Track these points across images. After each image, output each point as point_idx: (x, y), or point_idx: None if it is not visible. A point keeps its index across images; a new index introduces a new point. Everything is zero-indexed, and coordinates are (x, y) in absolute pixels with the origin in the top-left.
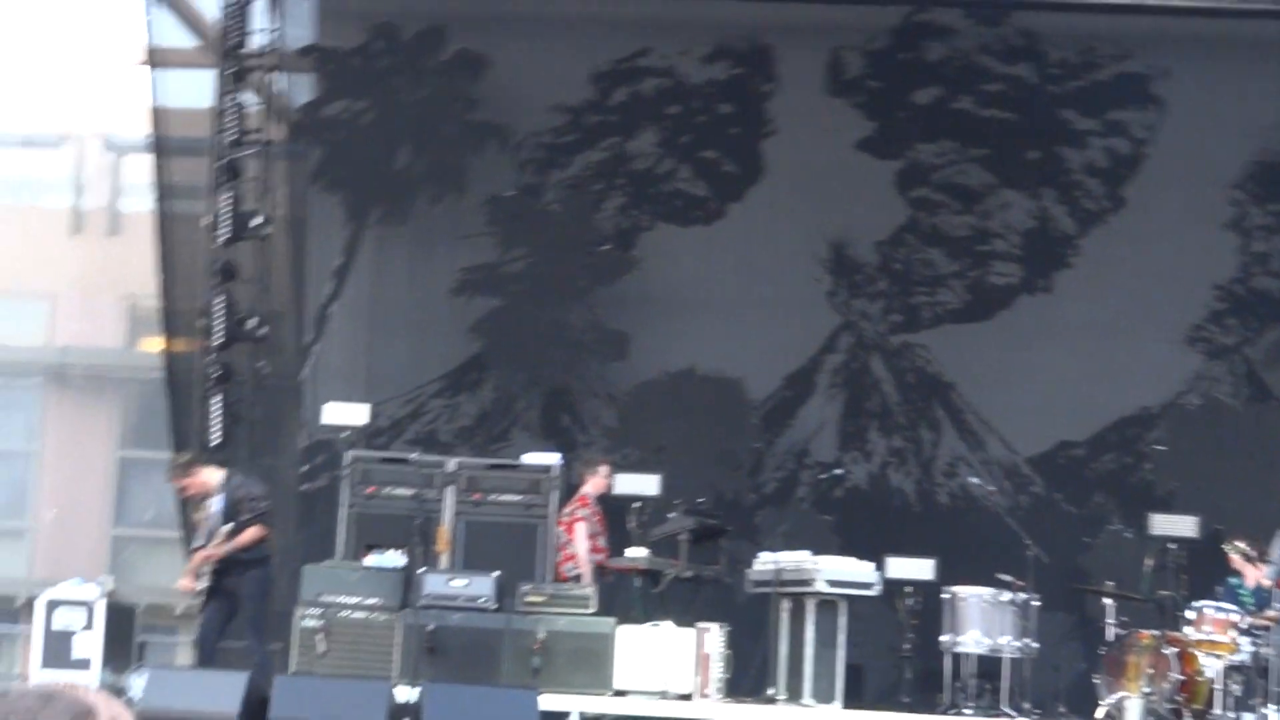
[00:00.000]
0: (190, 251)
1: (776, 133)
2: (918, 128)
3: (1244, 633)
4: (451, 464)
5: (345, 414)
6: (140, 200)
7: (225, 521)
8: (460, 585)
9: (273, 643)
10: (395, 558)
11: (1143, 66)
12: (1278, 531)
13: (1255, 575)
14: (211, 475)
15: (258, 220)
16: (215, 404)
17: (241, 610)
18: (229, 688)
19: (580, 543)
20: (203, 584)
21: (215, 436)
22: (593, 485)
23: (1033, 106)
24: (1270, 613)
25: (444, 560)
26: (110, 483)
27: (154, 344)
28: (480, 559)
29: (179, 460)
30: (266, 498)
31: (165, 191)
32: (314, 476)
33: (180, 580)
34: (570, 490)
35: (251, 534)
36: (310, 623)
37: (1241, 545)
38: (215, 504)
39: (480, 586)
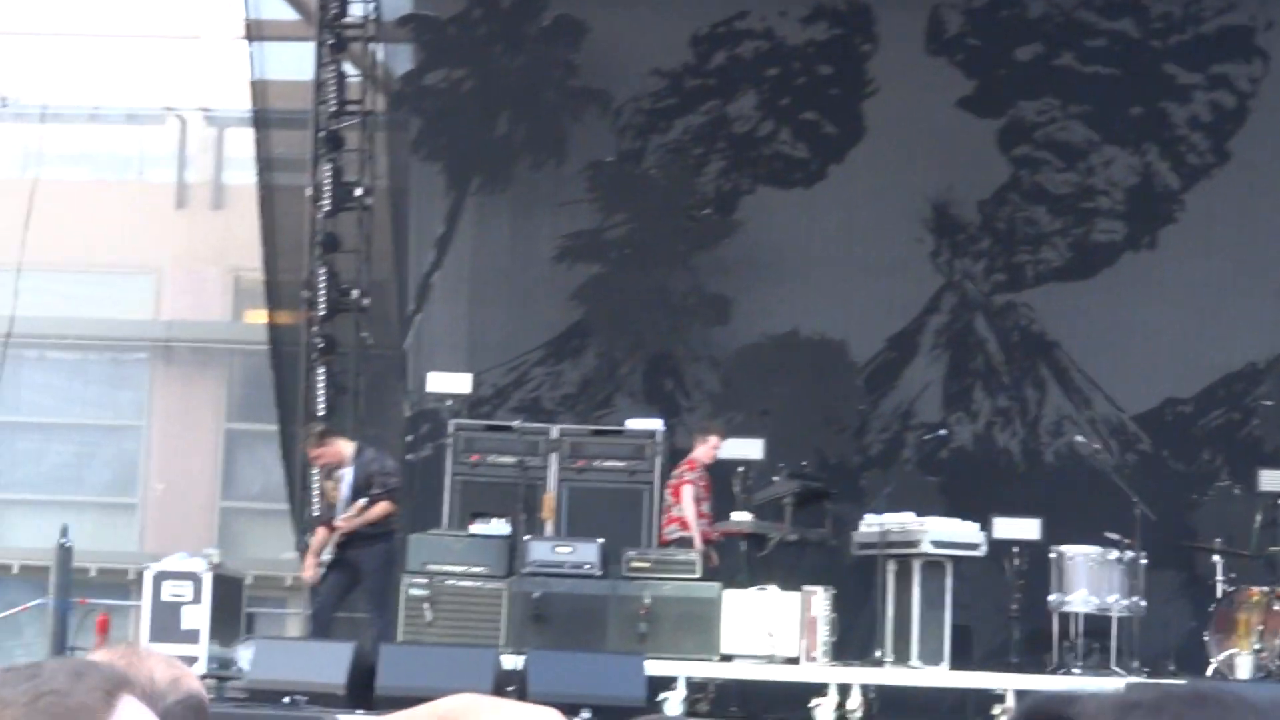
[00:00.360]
0: (293, 223)
1: (877, 93)
2: (1019, 85)
3: None
4: (555, 431)
5: (449, 383)
6: (243, 173)
7: (355, 494)
8: (565, 552)
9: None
10: (501, 525)
11: (1246, 18)
12: None
13: None
14: (345, 446)
15: (359, 191)
16: (320, 375)
17: (362, 583)
18: (336, 658)
19: (687, 506)
20: (326, 556)
21: (320, 407)
22: (702, 452)
23: (1135, 61)
24: None
25: (549, 527)
26: (217, 456)
27: (259, 316)
28: (585, 526)
29: (314, 430)
30: (398, 473)
31: (267, 164)
32: (418, 446)
33: (303, 567)
34: (675, 455)
35: (381, 508)
36: (417, 591)
37: None
38: (346, 475)
39: (585, 553)
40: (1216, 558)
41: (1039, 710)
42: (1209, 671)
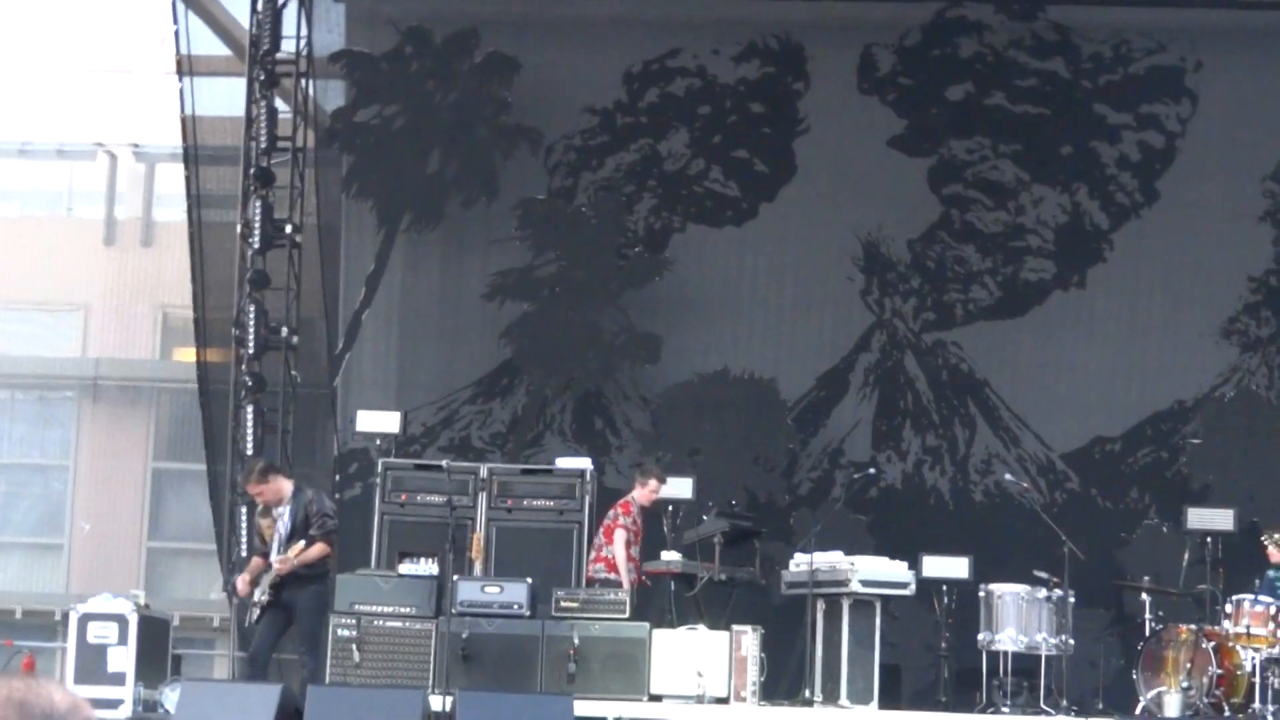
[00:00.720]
0: (223, 260)
1: (808, 131)
2: (950, 124)
3: None
4: (484, 470)
5: (378, 422)
6: (173, 210)
7: (293, 533)
8: (494, 592)
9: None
10: (429, 566)
11: (1175, 59)
12: None
13: None
14: (285, 484)
15: (289, 228)
16: (248, 413)
17: (298, 624)
18: (263, 700)
19: (619, 550)
20: (261, 596)
21: (249, 446)
22: (640, 494)
23: (1065, 101)
24: None
25: (478, 567)
26: (144, 495)
27: (187, 354)
28: (514, 565)
29: (255, 465)
30: (335, 515)
31: (197, 200)
32: (347, 485)
33: (239, 580)
34: (604, 494)
35: (319, 550)
36: (345, 632)
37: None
38: (284, 514)
39: (514, 593)
40: (1145, 596)
41: None
42: (1138, 710)
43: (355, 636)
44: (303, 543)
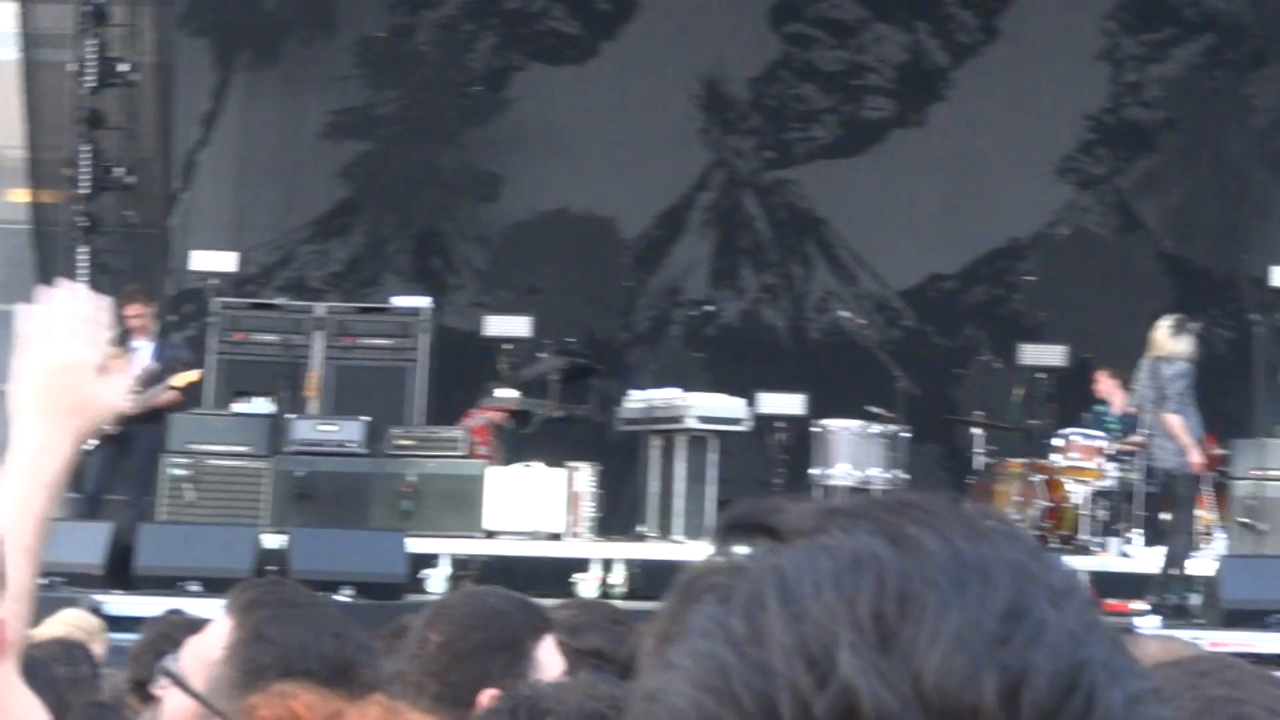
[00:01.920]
0: (56, 100)
1: None
2: None
3: (1110, 459)
4: (320, 309)
5: (213, 261)
6: (4, 48)
7: (154, 372)
8: (329, 430)
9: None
10: (264, 404)
11: None
12: (1140, 360)
13: (1122, 401)
14: (153, 321)
15: (124, 67)
16: (82, 254)
17: (130, 461)
18: (93, 538)
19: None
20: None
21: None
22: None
23: None
24: (1135, 438)
25: (313, 406)
26: None
27: (20, 195)
28: (350, 404)
29: (133, 288)
30: (194, 364)
31: (30, 39)
32: (182, 325)
33: None
34: (442, 333)
35: (172, 396)
36: (178, 471)
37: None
38: (144, 351)
39: (349, 431)
40: (977, 430)
41: (742, 520)
42: None
43: (189, 475)
44: (159, 385)
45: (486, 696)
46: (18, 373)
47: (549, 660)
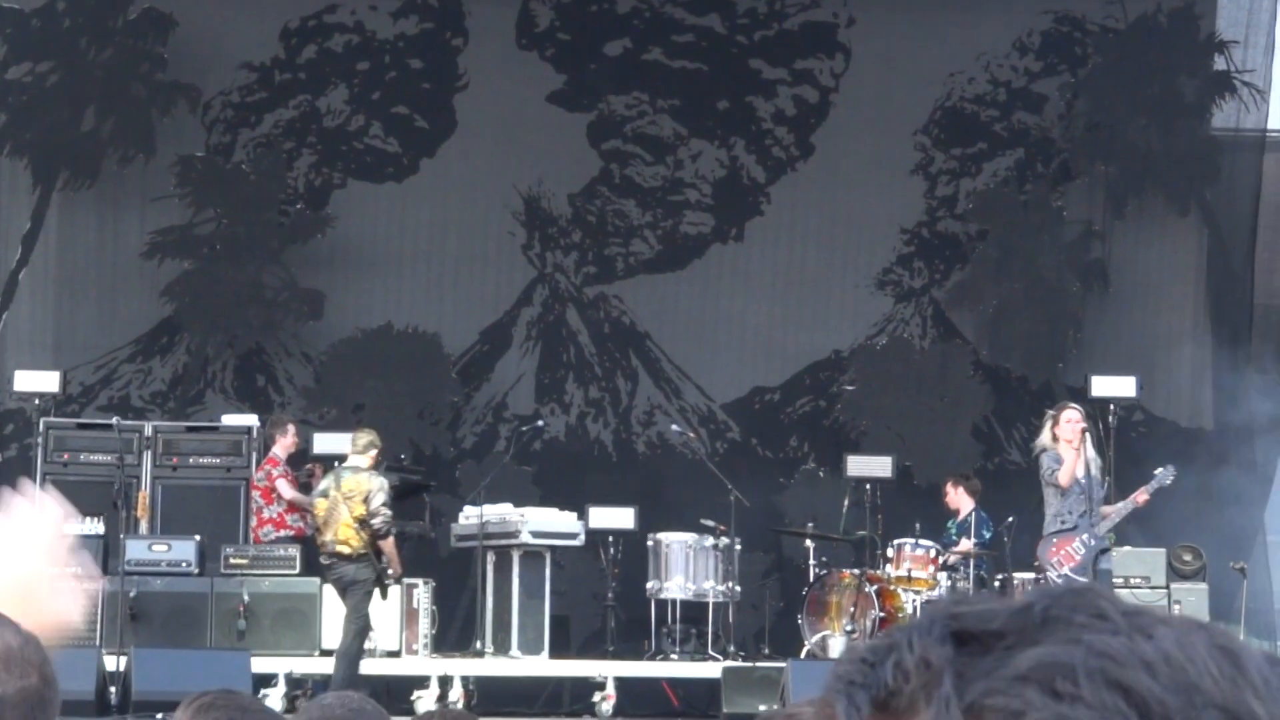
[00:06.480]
0: None
1: (468, 87)
2: (608, 80)
3: (942, 568)
4: (148, 428)
5: (36, 381)
6: None
7: None
8: (162, 550)
9: None
10: (94, 525)
11: (829, 15)
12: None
13: (970, 507)
14: None
15: None
16: None
17: None
18: None
19: (291, 494)
20: None
21: None
22: (281, 446)
23: (722, 57)
24: (964, 544)
25: (143, 526)
26: None
27: None
28: (181, 523)
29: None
30: None
31: None
32: (4, 446)
33: None
34: (268, 451)
35: None
36: None
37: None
38: None
39: (182, 550)
40: (808, 542)
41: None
42: (802, 654)
43: None
44: None
45: None
46: None
47: None
